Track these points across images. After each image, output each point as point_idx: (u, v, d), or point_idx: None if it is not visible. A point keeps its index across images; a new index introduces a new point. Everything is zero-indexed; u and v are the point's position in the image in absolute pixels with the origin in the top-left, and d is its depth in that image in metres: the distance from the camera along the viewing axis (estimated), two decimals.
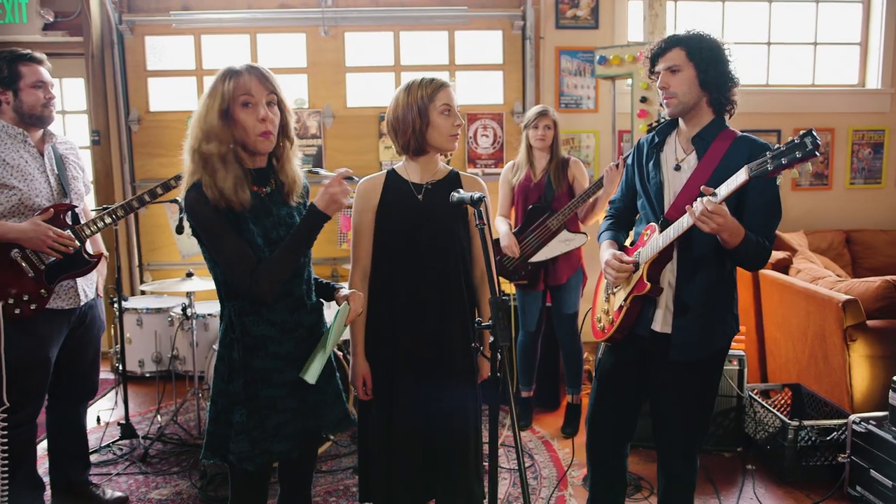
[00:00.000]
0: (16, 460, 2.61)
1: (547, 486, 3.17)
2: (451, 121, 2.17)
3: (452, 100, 2.18)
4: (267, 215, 1.93)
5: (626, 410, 2.42)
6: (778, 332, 3.85)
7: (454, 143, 2.22)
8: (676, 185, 2.21)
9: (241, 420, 1.90)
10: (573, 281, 3.75)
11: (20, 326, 2.56)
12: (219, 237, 1.85)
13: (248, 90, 1.84)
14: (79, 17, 4.81)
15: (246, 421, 1.90)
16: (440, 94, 2.16)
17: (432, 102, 2.15)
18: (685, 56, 2.15)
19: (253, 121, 1.85)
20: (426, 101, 2.14)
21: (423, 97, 2.15)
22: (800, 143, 1.76)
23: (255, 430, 1.91)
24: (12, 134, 2.59)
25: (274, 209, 1.95)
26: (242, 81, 1.83)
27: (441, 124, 2.16)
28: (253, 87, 1.85)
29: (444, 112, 2.16)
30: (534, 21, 5.03)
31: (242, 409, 1.91)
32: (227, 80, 1.83)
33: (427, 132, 2.16)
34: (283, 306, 1.96)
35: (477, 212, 1.75)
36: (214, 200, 1.82)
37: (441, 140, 2.18)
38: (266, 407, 1.93)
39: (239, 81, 1.82)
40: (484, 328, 1.69)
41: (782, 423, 3.16)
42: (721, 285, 2.20)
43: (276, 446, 1.94)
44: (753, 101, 5.35)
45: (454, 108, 2.18)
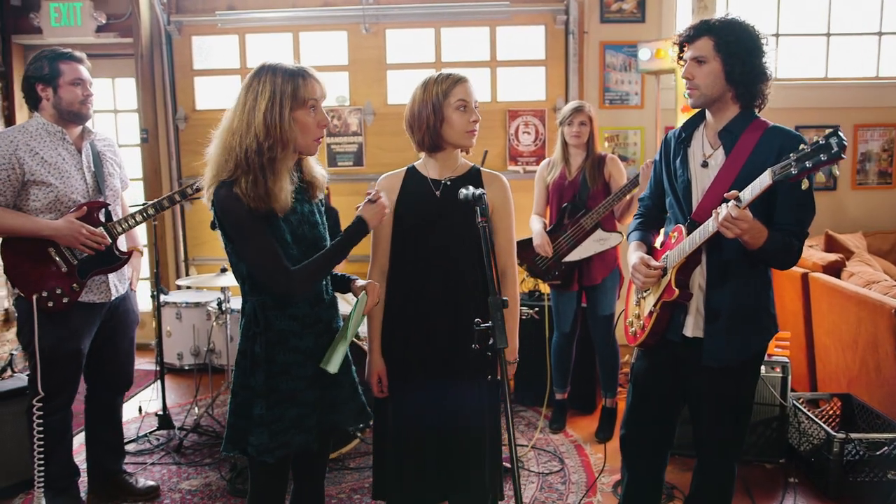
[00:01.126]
0: (50, 447, 2.70)
1: (575, 491, 3.09)
2: (467, 117, 2.12)
3: (469, 95, 2.12)
4: (293, 212, 1.95)
5: (661, 416, 2.32)
6: (828, 338, 3.65)
7: (471, 140, 2.16)
8: (704, 182, 2.11)
9: (260, 413, 1.92)
10: (609, 282, 3.64)
11: (53, 319, 2.64)
12: (252, 238, 1.86)
13: (317, 94, 1.89)
14: (129, 19, 4.96)
15: (265, 414, 1.91)
16: (456, 90, 2.10)
17: (447, 98, 2.10)
18: (712, 47, 2.04)
19: (314, 124, 1.89)
20: (441, 97, 2.10)
21: (438, 93, 2.11)
22: (825, 144, 1.64)
23: (274, 422, 1.92)
24: (51, 132, 2.67)
25: (298, 207, 1.97)
26: (313, 84, 1.88)
27: (456, 120, 2.11)
28: (319, 90, 1.91)
29: (460, 108, 2.10)
30: (577, 15, 4.91)
31: (262, 401, 1.92)
32: (300, 80, 1.86)
33: (442, 128, 2.12)
34: (305, 301, 1.98)
35: (479, 209, 1.70)
36: (254, 204, 1.82)
37: (456, 136, 2.13)
38: (286, 400, 1.95)
39: (310, 84, 1.87)
40: (482, 329, 1.64)
41: (827, 435, 2.99)
42: (754, 287, 2.09)
43: (296, 438, 1.96)
44: (811, 95, 5.13)
45: (471, 104, 2.12)
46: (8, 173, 2.54)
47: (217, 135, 1.91)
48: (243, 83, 1.90)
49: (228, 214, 1.85)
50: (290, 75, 1.86)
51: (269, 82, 1.84)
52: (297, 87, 1.86)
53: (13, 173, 2.55)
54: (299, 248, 1.94)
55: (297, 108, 1.86)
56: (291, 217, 1.94)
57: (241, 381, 1.98)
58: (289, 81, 1.85)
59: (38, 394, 2.62)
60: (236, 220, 1.85)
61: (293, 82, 1.85)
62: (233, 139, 1.84)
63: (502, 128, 5.11)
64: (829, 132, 1.64)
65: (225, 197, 1.84)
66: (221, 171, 1.86)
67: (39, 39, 4.94)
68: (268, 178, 1.83)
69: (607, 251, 3.60)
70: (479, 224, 1.70)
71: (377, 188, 2.26)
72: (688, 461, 3.11)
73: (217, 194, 1.86)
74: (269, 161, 1.83)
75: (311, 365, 1.98)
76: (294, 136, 1.87)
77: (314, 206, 2.06)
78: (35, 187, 2.59)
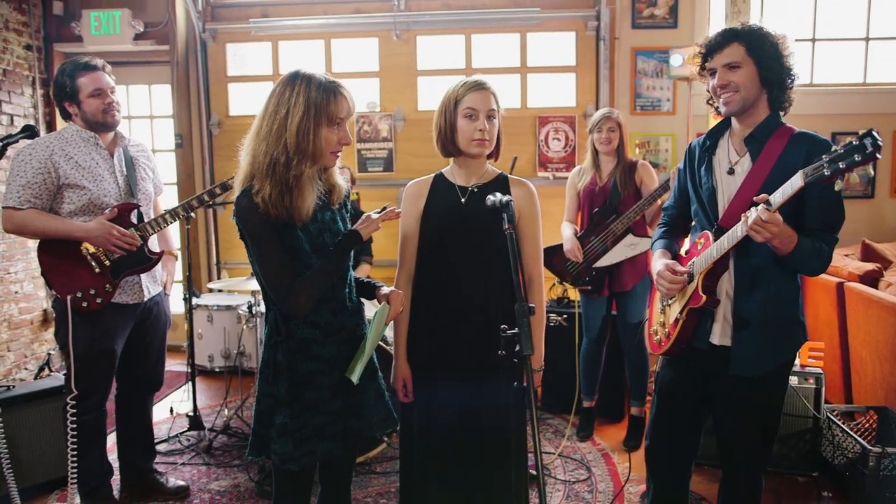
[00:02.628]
0: (84, 446, 2.77)
1: (602, 500, 3.05)
2: (474, 125, 2.08)
3: (480, 104, 2.08)
4: (313, 221, 1.94)
5: (686, 426, 2.29)
6: (864, 349, 3.56)
7: (478, 149, 2.12)
8: (730, 189, 2.07)
9: (284, 421, 1.92)
10: (639, 288, 3.60)
11: (87, 319, 2.71)
12: (264, 248, 1.86)
13: (345, 113, 1.88)
14: (166, 27, 5.07)
15: (289, 422, 1.92)
16: (467, 97, 2.09)
17: (458, 105, 2.10)
18: (745, 52, 2.01)
19: (335, 139, 1.88)
20: (454, 103, 2.10)
21: (451, 100, 2.11)
22: (859, 144, 1.60)
23: (298, 431, 1.92)
24: (85, 137, 2.74)
25: (319, 215, 1.96)
26: (344, 102, 1.88)
27: (463, 128, 2.10)
28: (347, 108, 1.89)
29: (467, 116, 2.08)
30: (608, 21, 4.88)
31: (286, 409, 1.92)
32: (332, 97, 1.84)
33: (455, 136, 2.12)
34: (327, 308, 1.97)
35: (506, 216, 1.70)
36: (274, 212, 1.81)
37: (464, 144, 2.11)
38: (310, 408, 1.94)
39: (342, 102, 1.87)
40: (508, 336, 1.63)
41: (863, 449, 2.91)
42: (784, 294, 2.05)
43: (320, 446, 1.95)
44: (847, 100, 5.02)
45: (481, 113, 2.08)
46: (44, 177, 2.62)
47: (246, 140, 1.90)
48: (274, 88, 1.88)
49: (246, 223, 1.85)
50: (325, 90, 1.83)
51: (304, 94, 1.82)
52: (329, 103, 1.83)
53: (49, 177, 2.63)
54: (319, 256, 1.93)
55: (329, 126, 1.85)
56: (311, 226, 1.93)
57: (264, 390, 1.97)
58: (323, 95, 1.83)
59: (73, 392, 2.68)
60: (252, 229, 1.85)
61: (327, 97, 1.83)
62: (259, 146, 1.84)
63: (532, 134, 5.10)
64: (864, 132, 1.61)
65: (245, 206, 1.83)
66: (246, 179, 1.87)
67: (80, 48, 5.07)
68: (294, 192, 1.83)
69: (638, 257, 3.56)
70: (506, 231, 1.69)
71: (403, 193, 2.27)
72: (715, 471, 3.04)
73: (238, 203, 1.86)
74: (295, 176, 1.82)
75: (335, 373, 1.98)
76: (322, 153, 1.86)
77: (335, 214, 2.04)
78: (69, 190, 2.66)
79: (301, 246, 1.89)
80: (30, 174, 2.60)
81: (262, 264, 1.88)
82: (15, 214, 2.61)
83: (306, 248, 1.90)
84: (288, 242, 1.87)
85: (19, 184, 2.60)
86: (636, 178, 3.57)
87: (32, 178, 2.60)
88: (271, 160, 1.81)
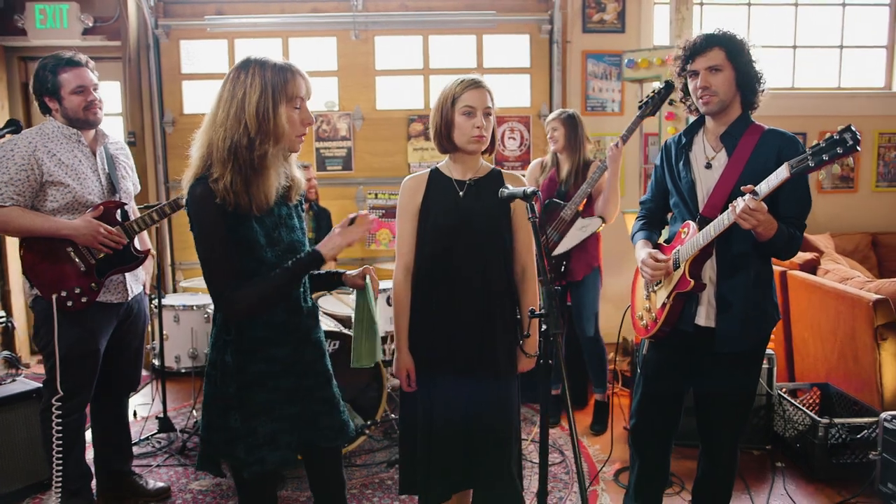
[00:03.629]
0: (67, 448, 2.71)
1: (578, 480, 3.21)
2: (472, 122, 2.16)
3: (477, 101, 2.16)
4: (269, 214, 1.86)
5: (671, 404, 2.46)
6: (806, 331, 3.87)
7: (476, 146, 2.20)
8: (709, 182, 2.26)
9: (235, 425, 1.84)
10: (590, 279, 3.79)
11: (72, 318, 2.66)
12: (213, 242, 1.78)
13: (303, 92, 1.84)
14: (117, 22, 4.94)
15: (240, 427, 1.84)
16: (465, 95, 2.16)
17: (456, 103, 2.17)
18: (725, 56, 2.20)
19: (297, 119, 1.83)
20: (451, 101, 2.18)
21: (447, 97, 2.19)
22: (840, 139, 1.80)
23: (248, 436, 1.84)
24: (67, 134, 2.69)
25: (275, 209, 1.89)
26: (301, 81, 1.82)
27: (461, 125, 2.17)
28: (305, 88, 1.85)
29: (465, 113, 2.16)
30: (561, 25, 5.09)
31: (235, 413, 1.84)
32: (289, 75, 1.79)
33: (452, 132, 2.20)
34: (282, 308, 1.90)
35: (529, 206, 1.81)
36: (229, 201, 1.74)
37: (462, 140, 2.19)
38: (260, 413, 1.86)
39: (298, 80, 1.81)
40: (537, 317, 1.75)
41: (812, 421, 3.19)
42: (760, 278, 2.25)
43: (271, 456, 1.87)
44: (779, 104, 5.33)
45: (478, 110, 2.16)
46: (27, 174, 2.56)
47: (199, 133, 1.83)
48: (228, 75, 1.81)
49: (198, 212, 1.76)
50: (280, 70, 1.79)
51: (259, 75, 1.76)
52: (286, 82, 1.79)
53: (32, 174, 2.57)
54: (274, 251, 1.86)
55: (288, 104, 1.80)
56: (266, 219, 1.85)
57: (211, 393, 1.88)
58: (279, 75, 1.78)
59: (58, 394, 2.63)
60: (203, 219, 1.76)
61: (283, 76, 1.78)
62: (216, 133, 1.77)
63: None
64: (842, 128, 1.81)
65: (199, 194, 1.75)
66: (201, 168, 1.79)
67: (24, 41, 4.90)
68: (259, 174, 1.78)
69: (589, 248, 3.74)
70: (530, 219, 1.80)
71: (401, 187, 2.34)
72: (685, 450, 3.27)
73: (192, 191, 1.77)
74: (259, 157, 1.76)
75: (289, 376, 1.91)
76: (284, 131, 1.79)
77: (292, 210, 1.97)
78: (53, 188, 2.61)
79: (256, 238, 1.81)
80: (12, 170, 2.54)
81: (206, 258, 1.79)
82: None
83: (261, 242, 1.82)
84: (243, 233, 1.79)
85: (1, 180, 2.53)
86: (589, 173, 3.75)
87: (15, 175, 2.54)
88: (232, 144, 1.74)
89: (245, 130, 1.75)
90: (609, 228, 3.75)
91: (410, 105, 5.25)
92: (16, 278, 5.18)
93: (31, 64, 5.25)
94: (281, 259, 1.86)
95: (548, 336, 1.68)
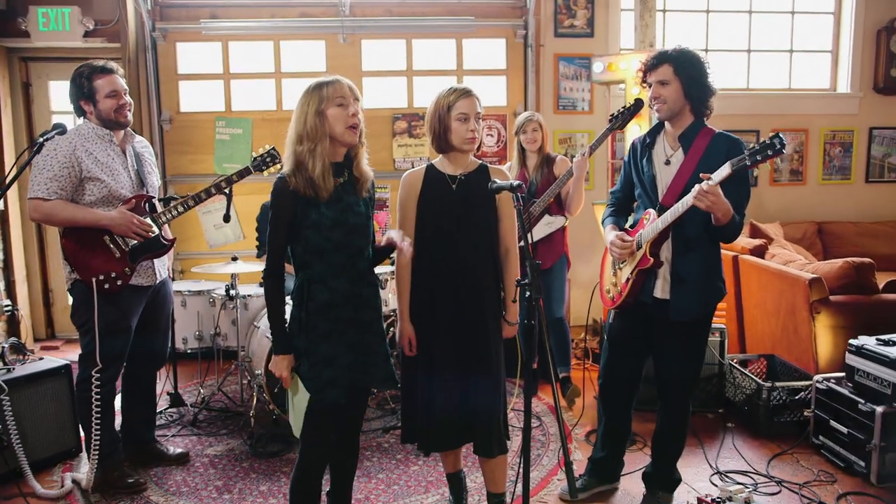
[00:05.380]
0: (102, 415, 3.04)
1: (555, 440, 3.65)
2: (466, 127, 2.54)
3: (469, 108, 2.54)
4: (339, 201, 2.30)
5: (633, 365, 2.89)
6: (755, 309, 4.34)
7: (470, 146, 2.58)
8: (668, 177, 2.68)
9: (304, 370, 2.30)
10: (557, 266, 4.18)
11: (108, 299, 2.98)
12: (276, 225, 2.27)
13: (344, 93, 2.28)
14: (116, 25, 5.21)
15: (306, 371, 2.30)
16: (458, 104, 2.54)
17: (451, 111, 2.55)
18: (672, 71, 2.61)
19: (343, 115, 2.26)
20: (446, 108, 2.55)
21: (443, 105, 2.56)
22: (770, 143, 2.24)
23: (312, 380, 2.29)
24: (101, 135, 3.01)
25: (345, 196, 2.33)
26: (340, 86, 2.28)
27: (457, 129, 2.55)
28: (345, 90, 2.29)
29: (460, 119, 2.54)
30: (535, 30, 5.49)
31: (304, 360, 2.30)
32: (329, 85, 2.26)
33: (448, 135, 2.57)
34: (346, 277, 2.33)
35: (515, 196, 2.20)
36: (303, 190, 2.23)
37: (458, 142, 2.57)
38: (322, 362, 2.29)
39: (337, 86, 2.27)
40: (522, 286, 2.14)
41: (758, 386, 3.65)
42: (709, 257, 2.67)
43: (330, 394, 2.30)
44: (735, 104, 5.87)
45: (471, 116, 2.54)
46: (69, 171, 2.88)
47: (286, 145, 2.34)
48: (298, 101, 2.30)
49: (273, 202, 2.27)
50: (323, 84, 2.27)
51: (313, 94, 2.27)
52: (329, 88, 2.26)
53: (73, 171, 2.89)
54: (340, 231, 2.29)
55: (328, 106, 2.24)
56: (335, 205, 2.29)
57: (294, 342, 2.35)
58: (324, 88, 2.26)
59: (96, 366, 2.96)
60: (275, 208, 2.26)
61: (327, 88, 2.26)
62: (293, 149, 2.28)
63: None
64: (773, 135, 2.24)
65: (277, 188, 2.26)
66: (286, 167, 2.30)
67: (27, 43, 5.14)
68: (307, 163, 2.24)
69: (555, 239, 4.14)
70: (516, 207, 2.20)
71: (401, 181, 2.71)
72: (646, 415, 3.70)
73: (274, 185, 2.27)
74: (309, 151, 2.23)
75: (349, 333, 2.33)
76: (328, 129, 2.25)
77: (360, 200, 2.39)
78: (90, 183, 2.93)
79: (322, 221, 2.26)
80: (56, 168, 2.86)
81: (270, 237, 2.29)
82: (43, 205, 2.86)
83: (327, 224, 2.26)
84: (314, 217, 2.25)
85: (46, 176, 2.85)
86: (554, 170, 4.16)
87: (59, 172, 2.86)
88: (298, 152, 2.26)
89: (302, 139, 2.26)
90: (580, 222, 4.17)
91: (395, 104, 5.62)
92: (20, 269, 5.46)
93: (32, 64, 5.51)
94: (345, 237, 2.31)
95: (531, 300, 2.08)
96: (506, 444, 2.71)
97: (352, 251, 2.35)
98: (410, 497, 3.08)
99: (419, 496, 3.08)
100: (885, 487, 3.05)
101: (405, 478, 3.26)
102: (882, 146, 6.16)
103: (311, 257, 2.31)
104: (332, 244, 2.29)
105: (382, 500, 3.06)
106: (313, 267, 2.32)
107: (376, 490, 3.14)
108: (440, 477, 3.21)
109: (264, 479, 3.25)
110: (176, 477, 3.28)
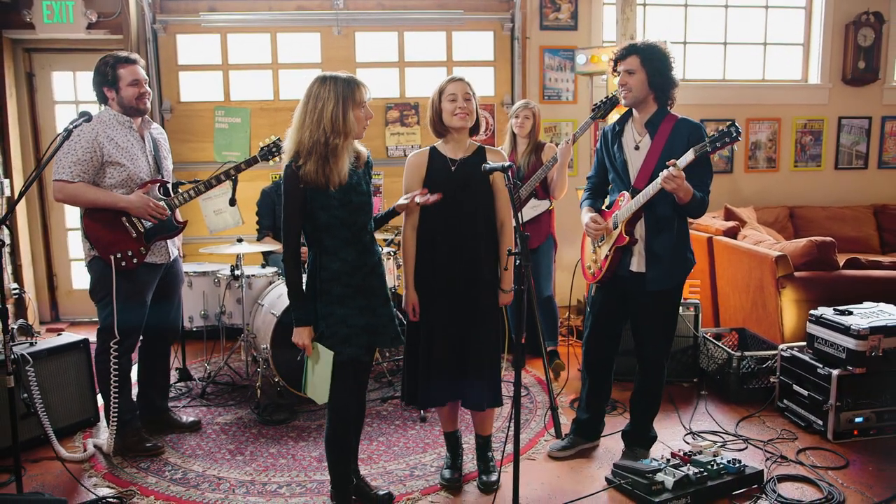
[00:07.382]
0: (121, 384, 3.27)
1: (542, 407, 3.93)
2: (455, 104, 2.81)
3: (457, 89, 2.80)
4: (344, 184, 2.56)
5: (613, 331, 3.18)
6: (728, 286, 4.64)
7: (460, 122, 2.82)
8: (637, 161, 2.95)
9: (322, 330, 2.57)
10: (544, 246, 4.45)
11: (125, 276, 3.21)
12: (290, 210, 2.49)
13: (366, 97, 2.52)
14: (118, 18, 5.39)
15: (325, 330, 2.56)
16: (448, 87, 2.83)
17: (442, 94, 2.83)
18: (639, 62, 2.88)
19: (362, 116, 2.51)
20: (439, 93, 2.85)
21: (437, 92, 2.86)
22: (727, 131, 2.52)
23: (331, 338, 2.56)
24: (122, 121, 3.23)
25: (349, 178, 2.55)
26: (364, 90, 2.51)
27: (446, 108, 2.82)
28: (367, 94, 2.53)
29: (449, 99, 2.82)
30: (521, 23, 5.74)
31: (322, 322, 2.56)
32: (355, 87, 2.48)
33: (442, 116, 2.84)
34: (353, 249, 2.58)
35: (506, 176, 2.46)
36: (310, 181, 2.43)
37: (449, 119, 2.83)
38: (339, 321, 2.56)
39: (362, 90, 2.50)
40: (513, 255, 2.41)
41: (728, 356, 3.95)
42: (678, 234, 2.94)
43: (346, 350, 2.56)
44: (712, 94, 6.17)
45: (459, 96, 2.80)
46: (91, 155, 3.10)
47: (290, 131, 2.50)
48: (309, 89, 2.48)
49: (285, 188, 2.47)
50: (347, 83, 2.46)
51: (332, 89, 2.43)
52: (353, 92, 2.46)
53: (95, 155, 3.11)
54: (347, 209, 2.52)
55: (355, 108, 2.48)
56: (343, 187, 2.50)
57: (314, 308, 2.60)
58: (348, 87, 2.45)
59: (115, 337, 3.19)
60: (287, 193, 2.47)
61: (351, 88, 2.46)
62: (302, 133, 2.44)
63: None
64: (729, 123, 2.52)
65: (289, 173, 2.46)
66: (290, 157, 2.48)
67: (31, 34, 5.31)
68: (331, 160, 2.44)
69: (542, 220, 4.40)
70: (507, 186, 2.46)
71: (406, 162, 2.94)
72: (626, 384, 3.98)
73: (286, 170, 2.48)
74: (332, 149, 2.43)
75: (359, 297, 2.59)
76: (353, 128, 2.48)
77: (360, 177, 2.62)
78: (111, 167, 3.16)
79: (331, 202, 2.49)
80: (80, 152, 3.08)
81: (284, 220, 2.50)
82: (67, 186, 3.08)
83: (335, 204, 2.49)
84: (322, 200, 2.47)
85: (71, 160, 3.07)
86: (542, 157, 4.41)
87: (82, 156, 3.08)
88: (314, 142, 2.43)
89: (323, 131, 2.42)
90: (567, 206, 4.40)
91: (388, 94, 5.85)
92: (26, 253, 5.65)
93: (36, 55, 5.69)
94: (352, 215, 2.55)
95: (520, 268, 2.34)
96: (498, 399, 2.97)
97: (357, 227, 2.59)
98: (409, 456, 3.35)
99: (417, 455, 3.35)
100: (839, 443, 3.36)
101: (404, 440, 3.53)
102: (850, 135, 6.48)
103: (320, 234, 2.56)
104: (339, 221, 2.53)
105: (384, 458, 3.33)
106: (323, 242, 2.56)
107: (378, 451, 3.41)
108: (436, 439, 3.48)
109: (273, 442, 3.51)
110: (190, 442, 3.53)
